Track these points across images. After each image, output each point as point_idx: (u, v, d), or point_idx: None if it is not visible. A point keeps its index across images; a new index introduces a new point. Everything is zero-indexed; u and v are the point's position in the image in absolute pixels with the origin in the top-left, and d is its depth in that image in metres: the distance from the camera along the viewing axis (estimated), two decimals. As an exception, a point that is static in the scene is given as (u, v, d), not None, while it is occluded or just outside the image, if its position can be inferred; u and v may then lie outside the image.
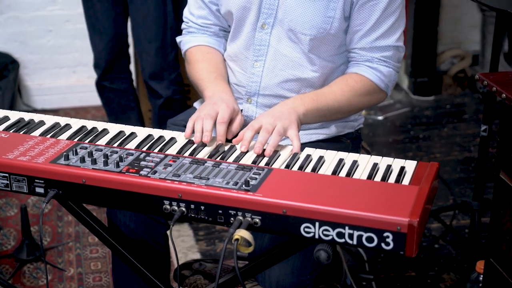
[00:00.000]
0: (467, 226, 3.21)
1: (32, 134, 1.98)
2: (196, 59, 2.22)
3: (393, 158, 1.87)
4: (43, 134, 1.98)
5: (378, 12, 2.06)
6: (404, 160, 1.86)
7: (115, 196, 1.76)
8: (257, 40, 2.14)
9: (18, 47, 4.31)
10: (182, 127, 2.23)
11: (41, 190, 1.82)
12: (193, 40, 2.26)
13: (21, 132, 1.99)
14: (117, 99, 3.43)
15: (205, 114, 1.94)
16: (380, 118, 4.34)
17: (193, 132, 1.95)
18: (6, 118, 2.08)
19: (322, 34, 2.08)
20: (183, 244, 3.11)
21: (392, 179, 1.77)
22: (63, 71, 4.39)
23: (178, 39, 2.31)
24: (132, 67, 3.54)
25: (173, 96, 3.28)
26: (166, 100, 3.28)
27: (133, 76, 3.59)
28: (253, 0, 2.11)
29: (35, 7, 4.24)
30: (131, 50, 3.51)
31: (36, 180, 1.81)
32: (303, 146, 2.10)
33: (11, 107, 4.21)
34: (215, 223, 1.71)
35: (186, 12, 2.29)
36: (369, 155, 1.89)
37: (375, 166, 1.82)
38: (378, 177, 1.77)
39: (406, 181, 1.76)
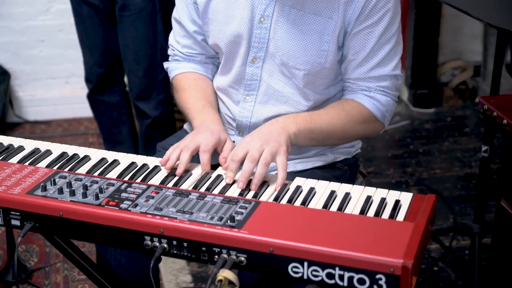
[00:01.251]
0: (467, 247, 3.12)
1: (10, 161, 1.90)
2: (183, 87, 2.13)
3: (387, 190, 1.77)
4: (22, 161, 1.89)
5: (373, 40, 1.96)
6: (399, 192, 1.76)
7: (93, 230, 1.67)
8: (248, 74, 2.04)
9: (9, 57, 4.22)
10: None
11: (17, 223, 1.73)
12: (179, 67, 2.17)
13: (-2, 159, 1.91)
14: (109, 112, 3.35)
15: (185, 145, 1.85)
16: (379, 131, 4.25)
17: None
18: (-16, 143, 2.00)
19: (316, 69, 1.98)
20: (174, 266, 3.02)
21: (386, 214, 1.67)
22: (56, 82, 4.30)
23: (165, 65, 2.23)
24: (126, 79, 3.46)
25: (162, 116, 3.21)
26: (153, 121, 3.21)
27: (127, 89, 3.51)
28: (242, 34, 2.01)
29: (27, 17, 4.16)
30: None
31: (12, 212, 1.73)
32: (298, 174, 2.02)
33: (2, 119, 4.12)
34: (198, 261, 1.62)
35: (171, 39, 2.20)
36: (363, 186, 1.79)
37: (368, 199, 1.72)
38: (371, 212, 1.68)
39: (401, 216, 1.67)
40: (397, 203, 1.71)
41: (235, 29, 2.01)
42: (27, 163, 1.88)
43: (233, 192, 1.77)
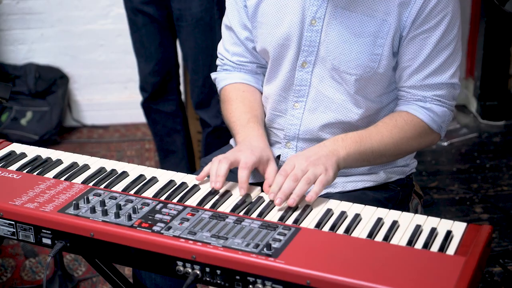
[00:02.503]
0: (533, 271, 2.94)
1: (46, 175, 1.84)
2: (230, 98, 2.04)
3: (439, 219, 1.65)
4: (58, 176, 1.83)
5: (430, 46, 1.84)
6: (451, 222, 1.63)
7: (125, 252, 1.60)
8: (297, 80, 1.94)
9: (68, 61, 4.20)
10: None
11: (48, 241, 1.68)
12: (228, 78, 2.09)
13: (35, 173, 1.85)
14: (163, 121, 3.28)
15: (223, 157, 1.77)
16: (444, 144, 4.08)
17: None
18: (23, 155, 1.95)
19: (369, 74, 1.87)
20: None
21: (435, 246, 1.55)
22: (114, 86, 4.26)
23: (213, 75, 2.15)
24: (182, 88, 3.40)
25: (222, 125, 3.12)
26: (214, 129, 3.12)
27: (183, 97, 3.44)
28: (291, 36, 1.91)
29: (86, 21, 4.13)
30: (181, 71, 3.36)
31: (43, 230, 1.67)
32: (348, 195, 1.92)
33: (60, 123, 4.11)
34: (232, 290, 1.53)
35: (220, 48, 2.12)
36: (413, 214, 1.67)
37: (417, 229, 1.60)
38: (419, 243, 1.56)
39: (451, 249, 1.54)
40: (448, 234, 1.58)
41: (284, 31, 1.92)
42: (63, 178, 1.82)
43: (273, 216, 1.67)
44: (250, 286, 1.50)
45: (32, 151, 1.97)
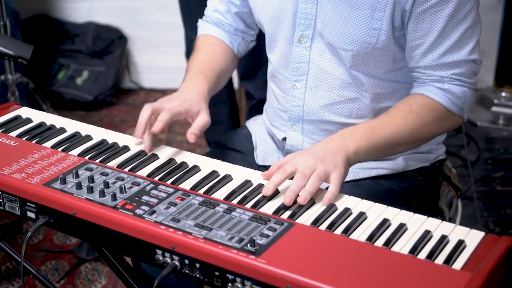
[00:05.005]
0: None
1: (44, 144, 1.74)
2: (198, 47, 1.96)
3: (454, 225, 1.47)
4: (55, 146, 1.73)
5: (442, 20, 1.64)
6: (468, 229, 1.45)
7: (105, 234, 1.49)
8: (295, 56, 1.79)
9: (128, 22, 4.13)
10: (225, 149, 1.93)
11: (32, 215, 1.58)
12: (206, 28, 2.00)
13: (34, 141, 1.75)
14: (208, 91, 3.15)
15: (149, 104, 1.72)
16: (517, 131, 3.82)
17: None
18: (28, 121, 1.86)
19: (366, 50, 1.70)
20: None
21: (441, 257, 1.37)
22: (174, 50, 4.14)
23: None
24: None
25: None
26: (258, 102, 2.98)
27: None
28: (285, 9, 1.76)
29: (147, -18, 4.04)
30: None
31: (27, 203, 1.57)
32: (360, 183, 1.79)
33: (116, 84, 4.04)
34: (211, 286, 1.40)
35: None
36: (425, 217, 1.49)
37: (425, 235, 1.42)
38: (424, 253, 1.38)
39: (459, 263, 1.36)
40: (460, 243, 1.40)
41: (277, 3, 1.78)
42: (60, 149, 1.72)
43: (268, 208, 1.51)
44: (229, 284, 1.36)
45: (38, 117, 1.88)
